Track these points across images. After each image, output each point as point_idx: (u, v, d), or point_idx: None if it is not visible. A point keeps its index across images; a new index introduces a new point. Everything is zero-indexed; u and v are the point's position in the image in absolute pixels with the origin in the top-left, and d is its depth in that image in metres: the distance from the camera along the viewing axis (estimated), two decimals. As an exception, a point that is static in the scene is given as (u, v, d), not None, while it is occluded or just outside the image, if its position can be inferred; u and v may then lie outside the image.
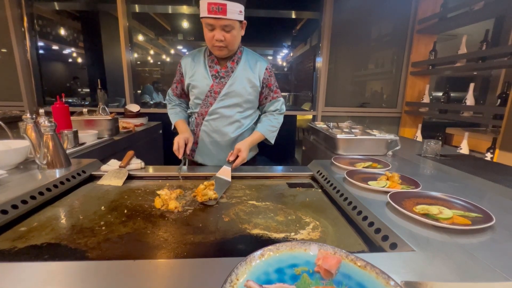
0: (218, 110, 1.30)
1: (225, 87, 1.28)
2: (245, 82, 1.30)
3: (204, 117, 1.34)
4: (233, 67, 1.29)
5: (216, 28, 1.14)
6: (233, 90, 1.28)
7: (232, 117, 1.32)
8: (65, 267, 0.54)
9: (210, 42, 1.19)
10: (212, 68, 1.29)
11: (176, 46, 5.97)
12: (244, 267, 0.44)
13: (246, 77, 1.30)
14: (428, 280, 0.50)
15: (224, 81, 1.29)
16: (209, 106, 1.31)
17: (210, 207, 0.91)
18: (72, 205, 0.91)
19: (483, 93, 3.33)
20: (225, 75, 1.29)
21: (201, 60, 1.32)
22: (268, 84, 1.36)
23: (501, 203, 0.90)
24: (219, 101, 1.29)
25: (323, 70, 3.23)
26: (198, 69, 1.30)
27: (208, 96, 1.30)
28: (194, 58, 1.33)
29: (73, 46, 5.03)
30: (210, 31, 1.15)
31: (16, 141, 1.22)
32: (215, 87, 1.29)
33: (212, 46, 1.20)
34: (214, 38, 1.15)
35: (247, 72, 1.30)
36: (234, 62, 1.30)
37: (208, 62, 1.30)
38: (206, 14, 1.09)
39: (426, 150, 1.55)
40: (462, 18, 2.48)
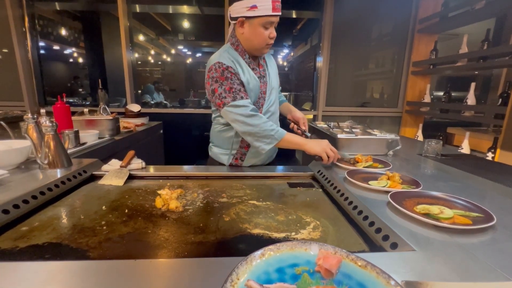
0: (269, 109, 1.32)
1: (268, 86, 1.31)
2: (275, 76, 1.37)
3: None
4: (264, 65, 1.34)
5: (273, 25, 1.16)
6: (273, 86, 1.34)
7: (277, 112, 1.39)
8: (66, 266, 0.54)
9: (264, 41, 1.18)
10: (255, 71, 1.28)
11: (176, 46, 5.97)
12: (244, 266, 0.44)
13: (274, 71, 1.37)
14: (428, 279, 0.50)
15: (265, 80, 1.31)
16: (260, 108, 1.29)
17: (211, 207, 0.91)
18: (73, 204, 0.91)
19: (484, 92, 3.32)
20: (264, 74, 1.32)
21: (244, 63, 1.24)
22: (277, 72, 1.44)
23: (502, 203, 0.89)
24: (267, 100, 1.31)
25: (323, 70, 3.23)
26: (248, 74, 1.23)
27: (259, 98, 1.29)
28: (235, 61, 1.21)
29: (74, 46, 5.04)
30: (266, 30, 1.15)
31: (17, 141, 1.22)
32: (262, 87, 1.30)
33: (265, 45, 1.20)
34: (270, 36, 1.16)
35: (272, 66, 1.37)
36: (264, 59, 1.35)
37: (250, 65, 1.26)
38: (271, 12, 1.10)
39: (427, 149, 1.55)
40: (463, 18, 2.47)
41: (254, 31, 1.15)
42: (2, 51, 3.06)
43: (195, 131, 3.74)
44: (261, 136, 1.15)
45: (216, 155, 1.40)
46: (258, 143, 1.16)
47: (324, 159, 1.17)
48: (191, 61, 6.07)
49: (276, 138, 1.15)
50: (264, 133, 1.14)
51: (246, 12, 1.11)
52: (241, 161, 1.35)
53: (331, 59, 3.24)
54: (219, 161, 1.39)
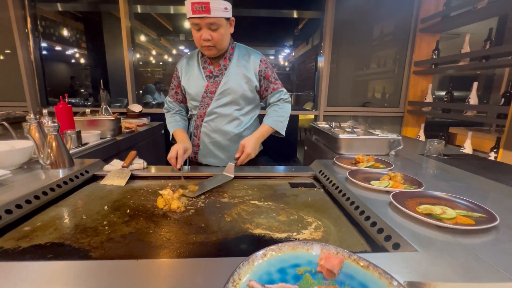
0: (215, 110, 1.30)
1: (220, 86, 1.27)
2: (240, 78, 1.28)
3: (203, 118, 1.33)
4: (226, 65, 1.28)
5: (202, 28, 1.13)
6: (228, 88, 1.27)
7: (230, 115, 1.31)
8: (68, 266, 0.54)
9: (198, 43, 1.19)
10: (206, 69, 1.29)
11: (178, 46, 5.98)
12: (246, 266, 0.44)
13: (240, 73, 1.28)
14: (431, 280, 0.49)
15: (218, 80, 1.28)
16: (206, 107, 1.30)
17: (212, 207, 0.91)
18: (75, 204, 0.91)
19: (486, 92, 3.31)
20: (219, 74, 1.28)
21: (195, 62, 1.32)
22: (266, 76, 1.32)
23: (505, 203, 0.89)
24: (215, 100, 1.29)
25: (325, 70, 3.23)
26: (192, 72, 1.31)
27: (204, 97, 1.30)
28: (189, 61, 1.34)
29: (76, 47, 5.06)
30: (197, 32, 1.15)
31: (20, 142, 1.23)
32: (210, 87, 1.28)
33: (201, 47, 1.20)
34: (201, 38, 1.15)
35: (240, 68, 1.28)
36: (227, 59, 1.29)
37: (201, 63, 1.30)
38: (191, 15, 1.09)
39: (429, 149, 1.54)
40: (465, 17, 2.46)
41: (192, 32, 1.18)
42: (5, 52, 3.07)
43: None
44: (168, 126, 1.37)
45: None
46: None
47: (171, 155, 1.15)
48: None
49: (170, 132, 1.36)
50: (168, 127, 1.38)
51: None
52: (195, 159, 1.42)
53: (333, 59, 3.24)
54: None
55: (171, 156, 1.15)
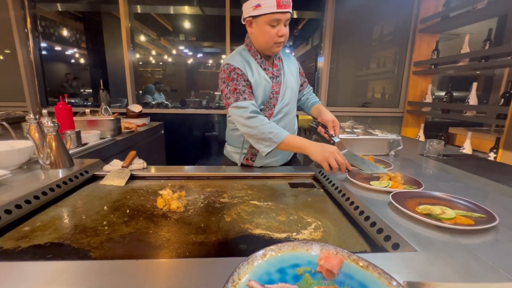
0: (282, 110, 1.30)
1: (282, 86, 1.28)
2: (293, 76, 1.33)
3: (269, 119, 1.26)
4: (280, 65, 1.31)
5: (280, 23, 1.11)
6: (288, 86, 1.30)
7: (291, 113, 1.35)
8: (68, 266, 0.54)
9: (272, 40, 1.14)
10: (267, 70, 1.25)
11: (177, 46, 5.99)
12: (246, 267, 0.44)
13: (291, 72, 1.33)
14: (430, 280, 0.49)
15: (279, 80, 1.28)
16: (272, 108, 1.27)
17: (212, 207, 0.91)
18: (75, 204, 0.91)
19: (486, 92, 3.31)
20: (278, 74, 1.29)
21: (255, 64, 1.24)
22: (301, 73, 1.44)
23: (505, 203, 0.89)
24: (281, 100, 1.28)
25: (324, 70, 3.23)
26: (258, 74, 1.23)
27: (271, 98, 1.26)
28: (245, 62, 1.22)
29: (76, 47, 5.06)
30: (273, 28, 1.11)
31: (19, 142, 1.23)
32: (275, 87, 1.27)
33: (273, 44, 1.16)
34: (279, 34, 1.12)
35: (289, 67, 1.34)
36: (280, 59, 1.31)
37: (262, 65, 1.25)
38: (275, 9, 1.06)
39: (428, 149, 1.54)
40: (464, 17, 2.46)
41: (261, 30, 1.13)
42: (4, 52, 3.07)
43: (196, 132, 3.75)
44: (260, 139, 1.12)
45: (229, 153, 1.42)
46: (258, 145, 1.13)
47: (325, 168, 1.00)
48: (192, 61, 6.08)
49: (275, 141, 1.09)
50: (262, 136, 1.10)
51: (252, 12, 1.10)
52: (252, 161, 1.35)
53: (332, 59, 3.24)
54: (232, 159, 1.41)
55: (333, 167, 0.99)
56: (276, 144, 1.10)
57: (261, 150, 1.13)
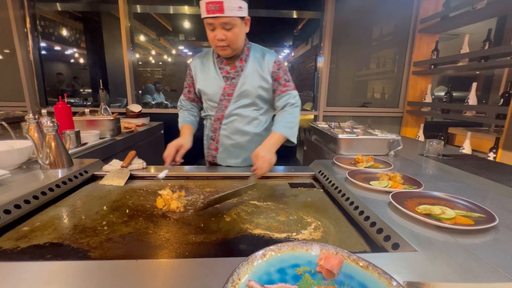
0: (234, 112, 1.29)
1: (237, 88, 1.26)
2: (256, 79, 1.26)
3: (221, 121, 1.32)
4: (242, 66, 1.27)
5: (216, 28, 1.12)
6: (245, 90, 1.26)
7: (249, 116, 1.31)
8: (67, 266, 0.54)
9: (213, 43, 1.17)
10: (222, 70, 1.27)
11: (177, 46, 5.98)
12: (246, 267, 0.44)
13: (256, 74, 1.26)
14: (430, 280, 0.49)
15: (235, 82, 1.26)
16: (224, 110, 1.29)
17: (211, 207, 0.91)
18: (74, 204, 0.91)
19: (485, 92, 3.31)
20: (235, 76, 1.27)
21: (211, 63, 1.30)
22: (277, 77, 1.28)
23: (504, 203, 0.89)
24: (234, 103, 1.28)
25: (324, 70, 3.23)
26: (208, 72, 1.29)
27: (222, 99, 1.28)
28: (203, 60, 1.32)
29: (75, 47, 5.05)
30: (212, 31, 1.14)
31: (18, 142, 1.23)
32: (227, 89, 1.27)
33: (215, 47, 1.19)
34: (216, 38, 1.14)
35: (256, 68, 1.27)
36: (243, 60, 1.27)
37: (217, 63, 1.28)
38: (206, 14, 1.09)
39: (428, 149, 1.54)
40: (464, 17, 2.46)
41: (207, 32, 1.17)
42: (4, 51, 3.07)
43: (196, 132, 3.74)
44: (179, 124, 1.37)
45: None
46: None
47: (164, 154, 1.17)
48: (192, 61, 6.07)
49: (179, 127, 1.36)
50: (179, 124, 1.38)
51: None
52: (213, 161, 1.41)
53: (332, 59, 3.24)
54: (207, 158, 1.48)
55: (164, 156, 1.16)
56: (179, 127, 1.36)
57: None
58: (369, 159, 1.29)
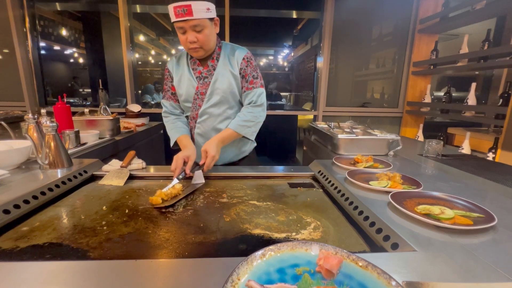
0: (207, 111, 1.31)
1: (209, 87, 1.28)
2: (228, 77, 1.28)
3: (196, 120, 1.35)
4: (214, 65, 1.29)
5: (187, 31, 1.14)
6: (217, 88, 1.28)
7: (221, 114, 1.32)
8: (67, 266, 0.54)
9: (185, 46, 1.19)
10: (196, 70, 1.30)
11: (177, 46, 5.98)
12: (245, 266, 0.44)
13: (228, 72, 1.28)
14: (429, 280, 0.50)
15: (207, 81, 1.29)
16: (198, 109, 1.32)
17: (211, 207, 0.91)
18: (73, 204, 0.91)
19: (485, 93, 3.32)
20: (208, 75, 1.29)
21: (184, 64, 1.32)
22: (245, 74, 1.28)
23: (503, 203, 0.89)
24: (206, 101, 1.30)
25: (324, 70, 3.23)
26: (183, 73, 1.32)
27: (196, 99, 1.31)
28: (179, 62, 1.34)
29: (75, 47, 5.04)
30: (183, 35, 1.15)
31: (18, 142, 1.23)
32: (201, 88, 1.29)
33: (188, 49, 1.21)
34: (187, 41, 1.15)
35: (227, 66, 1.28)
36: (214, 59, 1.28)
37: (191, 64, 1.31)
38: (175, 18, 1.10)
39: (427, 149, 1.54)
40: (463, 18, 2.47)
41: (178, 36, 1.18)
42: (3, 51, 3.06)
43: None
44: (169, 134, 1.36)
45: None
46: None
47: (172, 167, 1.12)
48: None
49: (172, 139, 1.34)
50: (168, 133, 1.36)
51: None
52: None
53: (332, 59, 3.24)
54: None
55: (172, 169, 1.11)
56: (173, 142, 1.34)
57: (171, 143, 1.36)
58: (368, 159, 1.29)
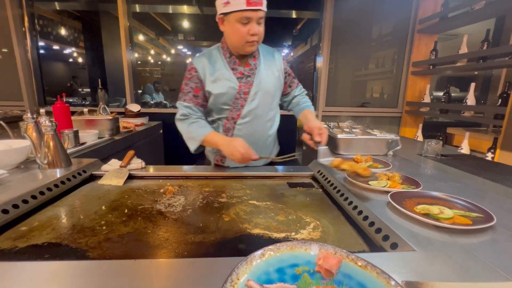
0: (251, 112, 1.24)
1: (253, 86, 1.22)
2: (271, 77, 1.26)
3: (236, 121, 1.25)
4: (256, 64, 1.23)
5: (251, 22, 1.06)
6: (262, 88, 1.23)
7: (265, 115, 1.28)
8: (66, 266, 0.54)
9: (243, 38, 1.09)
10: (236, 70, 1.21)
11: (176, 46, 5.97)
12: (244, 266, 0.44)
13: (270, 72, 1.26)
14: (429, 280, 0.50)
15: (250, 80, 1.22)
16: (240, 109, 1.23)
17: (210, 207, 0.91)
18: (72, 204, 0.91)
19: (484, 93, 3.32)
20: (250, 74, 1.22)
21: (220, 63, 1.21)
22: (290, 72, 1.37)
23: (502, 203, 0.89)
24: (251, 101, 1.22)
25: (323, 70, 3.23)
26: (221, 73, 1.20)
27: (237, 98, 1.21)
28: (211, 61, 1.21)
29: (74, 46, 5.04)
30: (244, 26, 1.06)
31: (17, 141, 1.22)
32: (243, 87, 1.21)
33: (244, 43, 1.11)
34: (250, 33, 1.07)
35: (269, 66, 1.26)
36: (256, 58, 1.24)
37: (230, 64, 1.21)
38: (245, 7, 1.01)
39: (427, 149, 1.54)
40: (463, 18, 2.47)
41: (231, 28, 1.09)
42: (2, 51, 3.05)
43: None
44: (187, 138, 1.22)
45: (207, 152, 1.43)
46: (187, 143, 1.23)
47: (234, 160, 1.07)
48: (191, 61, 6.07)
49: (196, 139, 1.19)
50: (187, 135, 1.21)
51: (222, 9, 1.07)
52: (222, 162, 1.34)
53: (331, 59, 3.24)
54: (209, 158, 1.42)
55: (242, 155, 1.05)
56: (198, 141, 1.19)
57: (189, 147, 1.22)
58: (368, 158, 1.29)
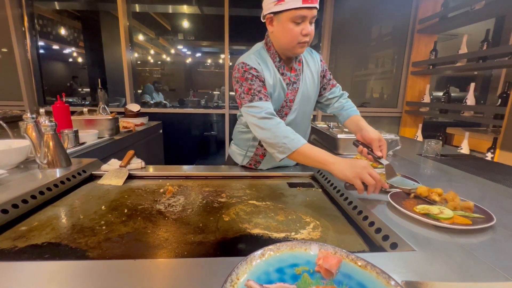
0: (294, 121, 1.18)
1: (298, 94, 1.15)
2: (312, 82, 1.19)
3: None
4: (300, 69, 1.16)
5: (305, 21, 0.98)
6: (305, 95, 1.17)
7: (305, 124, 1.24)
8: (65, 266, 0.54)
9: (295, 39, 1.00)
10: (285, 76, 1.13)
11: (176, 46, 5.97)
12: (244, 266, 0.44)
13: (311, 77, 1.19)
14: (428, 280, 0.50)
15: (296, 86, 1.15)
16: (283, 117, 1.16)
17: (210, 207, 0.91)
18: (72, 204, 0.91)
19: (483, 93, 3.32)
20: (296, 80, 1.15)
21: (270, 67, 1.11)
22: (325, 75, 1.25)
23: (502, 203, 0.90)
24: (294, 110, 1.16)
25: (323, 70, 3.23)
26: (275, 77, 1.12)
27: (283, 106, 1.15)
28: (262, 63, 1.10)
29: (74, 46, 5.03)
30: (297, 25, 0.98)
31: (16, 141, 1.22)
32: (290, 95, 1.14)
33: (296, 44, 1.02)
34: (303, 33, 0.98)
35: (310, 70, 1.19)
36: (300, 62, 1.16)
37: (279, 69, 1.12)
38: (301, 4, 0.93)
39: (426, 149, 1.55)
40: (462, 18, 2.47)
41: (283, 27, 1.00)
42: (2, 50, 3.05)
43: (195, 131, 3.74)
44: (273, 143, 0.98)
45: (233, 152, 1.36)
46: (271, 149, 1.00)
47: (358, 188, 0.82)
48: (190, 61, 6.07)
49: (289, 147, 0.95)
50: (276, 140, 0.97)
51: (273, 7, 0.98)
52: (255, 167, 1.29)
53: (331, 59, 3.24)
54: (235, 159, 1.35)
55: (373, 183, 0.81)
56: (291, 150, 0.95)
57: (274, 155, 1.00)
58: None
